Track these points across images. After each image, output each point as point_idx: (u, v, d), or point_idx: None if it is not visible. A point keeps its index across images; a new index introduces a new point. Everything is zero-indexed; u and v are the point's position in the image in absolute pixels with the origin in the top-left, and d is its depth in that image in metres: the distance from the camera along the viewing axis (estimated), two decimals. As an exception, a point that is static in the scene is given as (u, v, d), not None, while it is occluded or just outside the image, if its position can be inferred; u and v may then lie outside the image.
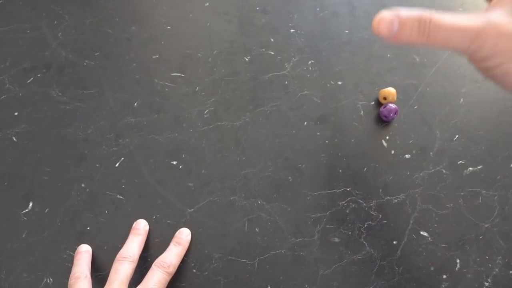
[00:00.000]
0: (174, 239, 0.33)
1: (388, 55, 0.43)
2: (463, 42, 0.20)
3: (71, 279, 0.29)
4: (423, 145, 0.38)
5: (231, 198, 0.35)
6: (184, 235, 0.33)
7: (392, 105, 0.38)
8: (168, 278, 0.30)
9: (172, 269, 0.30)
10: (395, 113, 0.38)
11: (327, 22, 0.45)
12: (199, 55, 0.43)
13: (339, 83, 0.41)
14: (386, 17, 0.21)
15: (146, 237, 0.33)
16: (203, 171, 0.37)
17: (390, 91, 0.39)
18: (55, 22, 0.45)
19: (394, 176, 0.36)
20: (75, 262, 0.31)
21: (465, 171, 0.36)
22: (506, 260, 0.33)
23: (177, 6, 0.46)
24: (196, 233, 0.34)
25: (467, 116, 0.39)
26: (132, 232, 0.33)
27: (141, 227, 0.33)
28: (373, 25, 0.22)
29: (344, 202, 0.35)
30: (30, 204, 0.35)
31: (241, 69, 0.42)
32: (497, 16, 0.19)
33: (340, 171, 0.37)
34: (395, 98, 0.39)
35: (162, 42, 0.44)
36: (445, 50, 0.21)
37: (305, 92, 0.41)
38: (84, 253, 0.32)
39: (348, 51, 0.43)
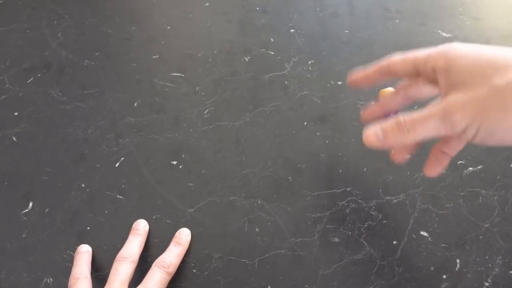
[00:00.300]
0: (174, 239, 0.33)
1: (388, 55, 0.43)
2: (438, 125, 0.22)
3: (71, 280, 0.29)
4: (423, 145, 0.38)
5: (231, 198, 0.35)
6: (184, 235, 0.33)
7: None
8: (168, 278, 0.30)
9: (172, 269, 0.30)
10: (396, 113, 0.38)
11: (327, 22, 0.45)
12: (199, 55, 0.43)
13: (339, 83, 0.41)
14: (370, 131, 0.24)
15: (146, 238, 0.33)
16: (203, 171, 0.37)
17: (390, 91, 0.39)
18: (55, 22, 0.45)
19: (394, 176, 0.36)
20: (75, 262, 0.31)
21: (465, 171, 0.36)
22: (506, 260, 0.33)
23: (177, 6, 0.46)
24: (196, 233, 0.34)
25: (467, 116, 0.39)
26: (132, 232, 0.33)
27: (141, 227, 0.33)
28: (364, 141, 0.25)
29: (344, 202, 0.35)
30: (30, 204, 0.35)
31: (241, 69, 0.42)
32: (452, 95, 0.22)
33: (340, 171, 0.37)
34: (395, 98, 0.39)
35: (162, 42, 0.44)
36: (435, 139, 0.23)
37: (305, 92, 0.41)
38: (84, 253, 0.32)
39: (348, 51, 0.43)
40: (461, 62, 0.22)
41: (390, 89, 0.39)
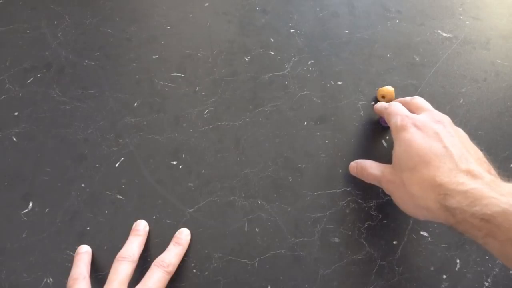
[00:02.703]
0: (174, 239, 0.33)
1: (388, 55, 0.43)
2: (376, 182, 0.32)
3: (70, 281, 0.29)
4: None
5: (231, 198, 0.35)
6: (183, 235, 0.33)
7: None
8: (167, 277, 0.30)
9: (172, 268, 0.30)
10: None
11: (327, 22, 0.45)
12: (199, 55, 0.43)
13: (339, 83, 0.41)
14: (351, 165, 0.35)
15: (146, 238, 0.33)
16: (203, 171, 0.37)
17: (388, 89, 0.39)
18: (55, 22, 0.45)
19: (394, 176, 0.36)
20: (74, 263, 0.31)
21: (465, 171, 0.36)
22: (506, 260, 0.33)
23: (177, 6, 0.46)
24: (196, 233, 0.34)
25: (467, 116, 0.39)
26: (132, 232, 0.33)
27: (141, 227, 0.33)
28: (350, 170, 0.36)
29: (344, 202, 0.35)
30: (30, 204, 0.35)
31: (241, 69, 0.42)
32: (388, 169, 0.31)
33: (340, 171, 0.37)
34: (394, 96, 0.39)
35: (162, 42, 0.44)
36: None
37: (305, 92, 0.41)
38: (83, 254, 0.32)
39: (348, 51, 0.43)
40: (398, 148, 0.30)
41: (388, 87, 0.39)
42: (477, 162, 0.27)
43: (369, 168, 0.32)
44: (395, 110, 0.32)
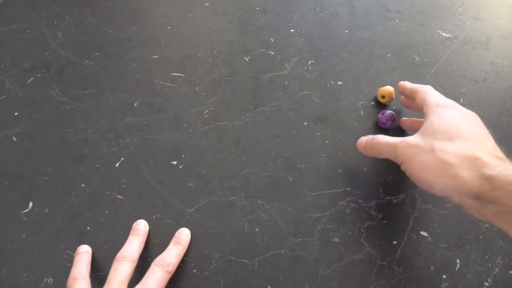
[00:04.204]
0: (174, 239, 0.33)
1: (388, 55, 0.43)
2: (390, 152, 0.31)
3: (70, 280, 0.29)
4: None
5: (231, 198, 0.35)
6: (183, 235, 0.33)
7: (390, 112, 0.38)
8: (167, 277, 0.30)
9: (172, 268, 0.30)
10: (393, 121, 0.38)
11: (327, 22, 0.45)
12: (199, 55, 0.43)
13: (339, 83, 0.41)
14: (361, 140, 0.34)
15: (146, 238, 0.33)
16: (203, 171, 0.37)
17: (388, 89, 0.39)
18: (55, 22, 0.45)
19: (394, 176, 0.36)
20: (74, 263, 0.31)
21: (465, 171, 0.36)
22: (506, 260, 0.33)
23: (177, 6, 0.46)
24: (196, 233, 0.34)
25: (467, 116, 0.39)
26: (132, 232, 0.33)
27: (141, 227, 0.33)
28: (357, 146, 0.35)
29: (344, 202, 0.35)
30: (30, 204, 0.35)
31: (241, 69, 0.42)
32: (409, 137, 0.30)
33: (340, 171, 0.37)
34: (393, 96, 0.39)
35: (162, 42, 0.44)
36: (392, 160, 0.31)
37: (305, 92, 0.41)
38: (83, 254, 0.32)
39: (348, 51, 0.43)
40: (436, 120, 0.30)
41: (388, 87, 0.39)
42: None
43: (382, 137, 0.32)
44: (434, 92, 0.33)
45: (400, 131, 0.39)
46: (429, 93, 0.33)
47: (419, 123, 0.36)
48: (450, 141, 0.28)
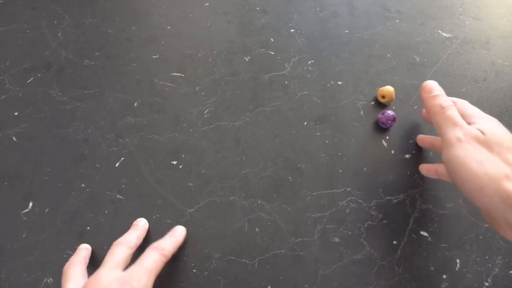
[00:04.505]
0: (169, 232, 0.33)
1: (388, 55, 0.43)
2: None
3: (65, 266, 0.30)
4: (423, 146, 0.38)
5: (231, 198, 0.35)
6: (178, 230, 0.33)
7: (390, 112, 0.38)
8: (163, 260, 0.29)
9: (167, 252, 0.30)
10: (393, 120, 0.38)
11: (327, 22, 0.45)
12: (199, 55, 0.43)
13: (339, 83, 0.41)
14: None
15: (145, 233, 0.33)
16: (203, 171, 0.37)
17: (388, 89, 0.39)
18: (55, 22, 0.45)
19: (394, 176, 0.36)
20: (72, 256, 0.32)
21: (465, 171, 0.36)
22: (506, 260, 0.33)
23: (177, 6, 0.46)
24: (196, 233, 0.34)
25: (467, 116, 0.39)
26: (132, 228, 0.33)
27: (141, 224, 0.33)
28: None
29: (344, 202, 0.35)
30: (30, 204, 0.35)
31: (241, 69, 0.42)
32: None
33: (340, 171, 0.37)
34: (393, 96, 0.39)
35: (162, 42, 0.44)
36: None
37: (305, 92, 0.41)
38: (82, 250, 0.32)
39: (348, 51, 0.43)
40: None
41: (388, 87, 0.39)
42: None
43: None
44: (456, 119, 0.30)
45: (400, 131, 0.39)
46: (451, 119, 0.30)
47: (439, 141, 0.34)
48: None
